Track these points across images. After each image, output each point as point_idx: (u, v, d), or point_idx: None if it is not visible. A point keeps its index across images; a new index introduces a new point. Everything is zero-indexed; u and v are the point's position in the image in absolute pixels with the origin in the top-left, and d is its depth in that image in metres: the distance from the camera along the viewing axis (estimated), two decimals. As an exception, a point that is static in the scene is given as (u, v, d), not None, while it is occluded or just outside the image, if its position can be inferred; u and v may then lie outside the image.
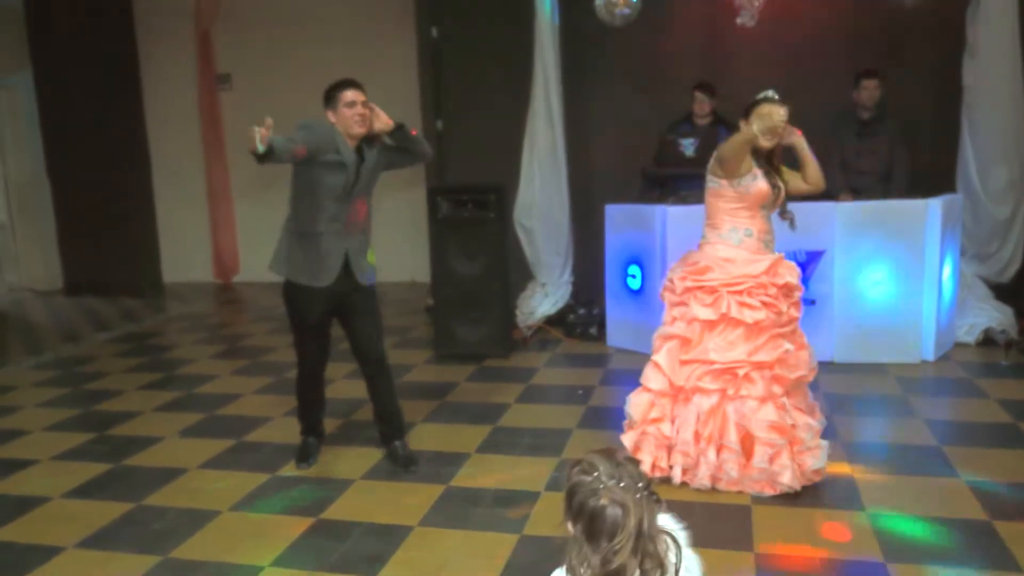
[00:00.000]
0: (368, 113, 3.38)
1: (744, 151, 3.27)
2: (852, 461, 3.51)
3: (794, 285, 3.34)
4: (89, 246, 8.51)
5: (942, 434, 3.79)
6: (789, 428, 3.21)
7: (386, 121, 3.45)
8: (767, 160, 3.38)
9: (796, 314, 3.37)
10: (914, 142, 5.57)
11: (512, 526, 3.03)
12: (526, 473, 3.52)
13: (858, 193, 5.38)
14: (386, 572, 2.75)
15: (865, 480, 3.33)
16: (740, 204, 3.33)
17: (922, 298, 4.86)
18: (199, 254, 9.22)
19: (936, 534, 2.86)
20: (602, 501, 1.50)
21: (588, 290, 6.10)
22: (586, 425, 4.11)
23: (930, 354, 4.94)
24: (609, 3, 5.13)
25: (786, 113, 3.23)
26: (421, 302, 7.15)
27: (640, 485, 1.53)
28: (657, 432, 3.35)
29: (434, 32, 6.48)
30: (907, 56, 5.93)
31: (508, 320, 5.59)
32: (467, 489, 3.39)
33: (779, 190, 3.39)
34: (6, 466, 3.85)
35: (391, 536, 2.99)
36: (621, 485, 1.52)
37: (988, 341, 5.23)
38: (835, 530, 2.94)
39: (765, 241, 3.38)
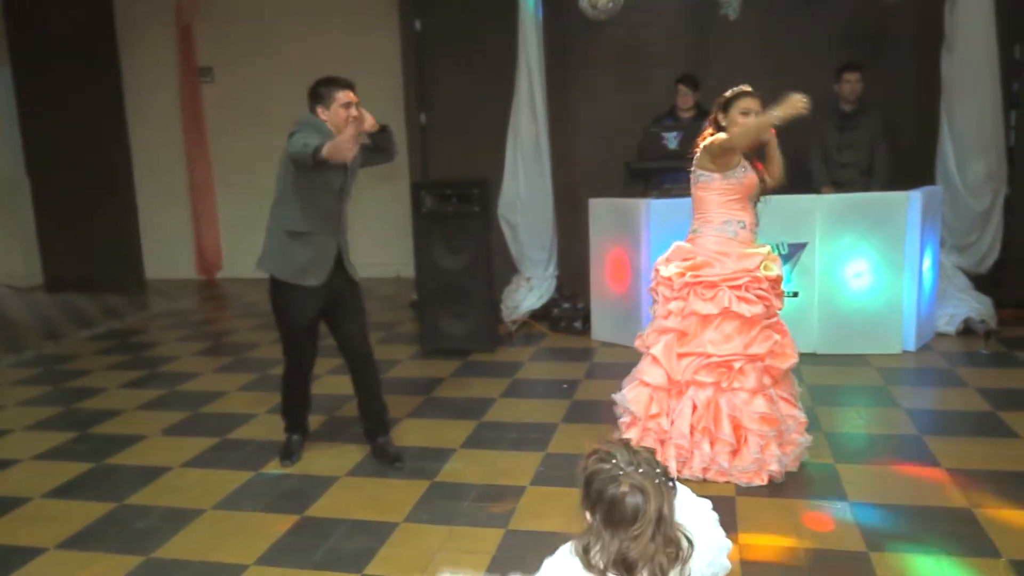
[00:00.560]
0: (360, 116, 3.39)
1: (757, 137, 3.29)
2: (834, 451, 3.54)
3: (781, 277, 3.44)
4: (69, 242, 8.43)
5: (923, 424, 3.83)
6: (778, 420, 3.26)
7: (372, 123, 3.47)
8: (756, 153, 3.44)
9: (780, 305, 3.44)
10: (895, 135, 5.61)
11: (498, 521, 3.03)
12: (511, 468, 3.52)
13: (840, 186, 5.42)
14: (372, 569, 2.74)
15: (847, 470, 3.36)
16: (732, 196, 3.37)
17: (902, 289, 4.91)
18: (182, 250, 9.13)
19: (918, 523, 2.89)
20: (622, 488, 1.50)
21: (572, 284, 6.11)
22: (571, 419, 4.11)
23: (911, 344, 4.99)
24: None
25: (808, 102, 3.11)
26: (406, 298, 7.14)
27: (658, 471, 1.53)
28: (656, 427, 3.37)
29: (417, 25, 6.46)
30: (888, 50, 5.96)
31: (493, 315, 5.59)
32: (452, 484, 3.39)
33: (764, 182, 3.45)
34: (-14, 466, 3.81)
35: (376, 533, 2.98)
36: (640, 471, 1.51)
37: (968, 331, 5.29)
38: (817, 520, 2.96)
39: (755, 232, 3.46)
